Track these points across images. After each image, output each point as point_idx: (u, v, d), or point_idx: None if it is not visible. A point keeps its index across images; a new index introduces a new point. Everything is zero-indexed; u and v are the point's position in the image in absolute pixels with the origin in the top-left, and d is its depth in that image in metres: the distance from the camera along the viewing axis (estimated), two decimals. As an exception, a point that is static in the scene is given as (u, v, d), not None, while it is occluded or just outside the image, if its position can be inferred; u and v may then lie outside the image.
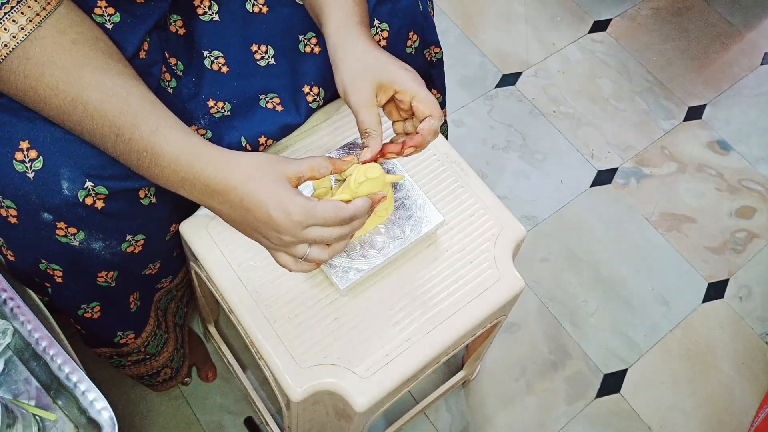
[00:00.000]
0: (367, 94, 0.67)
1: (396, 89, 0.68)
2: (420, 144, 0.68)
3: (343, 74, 0.69)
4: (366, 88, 0.67)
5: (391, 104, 0.72)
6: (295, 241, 0.63)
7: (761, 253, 1.42)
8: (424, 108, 0.68)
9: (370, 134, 0.67)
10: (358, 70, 0.68)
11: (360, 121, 0.67)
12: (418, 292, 0.77)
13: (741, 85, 1.66)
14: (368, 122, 0.67)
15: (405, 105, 0.69)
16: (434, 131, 0.68)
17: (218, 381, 1.16)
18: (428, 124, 0.68)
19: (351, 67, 0.68)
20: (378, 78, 0.68)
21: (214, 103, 0.79)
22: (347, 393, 0.72)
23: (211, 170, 0.62)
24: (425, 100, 0.68)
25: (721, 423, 1.23)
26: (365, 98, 0.67)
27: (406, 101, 0.68)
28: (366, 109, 0.67)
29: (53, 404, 0.63)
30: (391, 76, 0.68)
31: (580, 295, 1.33)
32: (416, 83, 0.68)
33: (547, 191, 1.45)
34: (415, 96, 0.68)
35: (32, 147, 0.64)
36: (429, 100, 0.68)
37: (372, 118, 0.67)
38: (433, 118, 0.68)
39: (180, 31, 0.78)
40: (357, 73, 0.68)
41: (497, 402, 1.20)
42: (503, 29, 1.68)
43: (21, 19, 0.59)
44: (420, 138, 0.68)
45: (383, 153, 0.69)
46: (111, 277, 0.76)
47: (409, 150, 0.69)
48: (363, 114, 0.67)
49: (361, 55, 0.69)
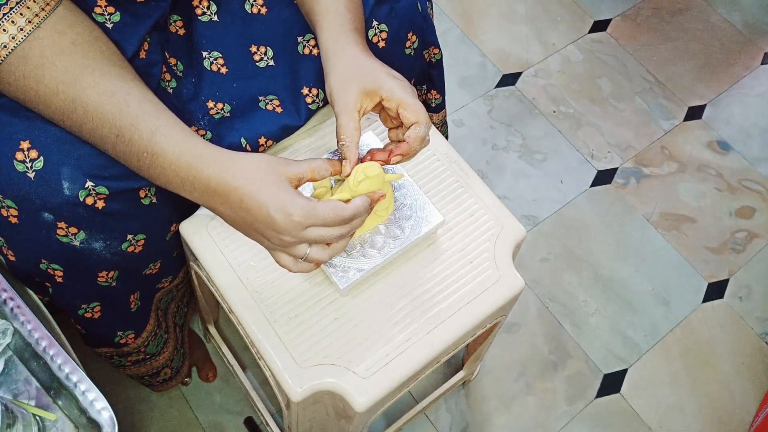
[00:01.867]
0: (350, 100, 0.67)
1: (382, 96, 0.68)
2: (407, 152, 0.68)
3: (332, 80, 0.69)
4: (350, 94, 0.67)
5: (384, 112, 0.71)
6: (295, 241, 0.63)
7: (761, 253, 1.42)
8: (410, 115, 0.67)
9: (344, 144, 0.67)
10: (346, 76, 0.68)
11: (338, 126, 0.67)
12: (418, 292, 0.77)
13: (741, 85, 1.66)
14: (346, 128, 0.66)
15: (392, 112, 0.69)
16: (421, 138, 0.68)
17: (218, 381, 1.16)
18: (414, 132, 0.67)
19: (339, 73, 0.68)
20: (364, 84, 0.67)
21: (213, 105, 0.79)
22: (347, 393, 0.72)
23: (211, 171, 0.62)
24: (411, 107, 0.67)
25: (721, 423, 1.23)
26: (348, 104, 0.67)
27: (393, 108, 0.68)
28: (346, 114, 0.67)
29: (53, 404, 0.63)
30: (378, 83, 0.68)
31: (580, 295, 1.33)
32: (403, 91, 0.68)
33: (547, 191, 1.45)
34: (401, 103, 0.67)
35: (33, 147, 0.64)
36: (415, 107, 0.67)
37: (349, 124, 0.67)
38: (419, 125, 0.67)
39: (180, 31, 0.78)
40: (344, 79, 0.68)
41: (497, 402, 1.20)
42: (503, 29, 1.68)
43: (20, 20, 0.59)
44: (406, 146, 0.68)
45: (372, 159, 0.69)
46: (111, 277, 0.76)
47: (396, 158, 0.68)
48: (342, 119, 0.67)
49: (350, 62, 0.69)
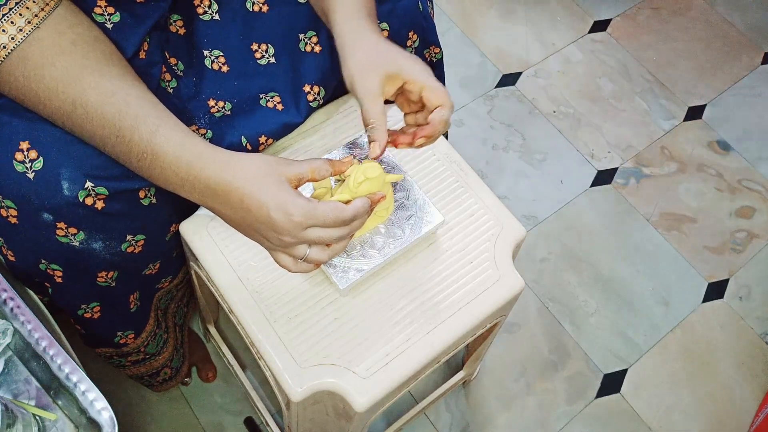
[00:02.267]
0: (373, 85, 0.66)
1: (405, 79, 0.67)
2: (431, 134, 0.67)
3: (351, 66, 0.67)
4: (373, 78, 0.66)
5: (403, 96, 0.70)
6: (295, 242, 0.63)
7: (761, 253, 1.42)
8: (435, 98, 0.67)
9: (374, 126, 0.66)
10: (366, 61, 0.67)
11: (364, 111, 0.66)
12: (418, 292, 0.77)
13: (741, 85, 1.66)
14: (372, 112, 0.66)
15: (414, 96, 0.68)
16: (445, 121, 0.67)
17: (218, 381, 1.16)
18: (439, 114, 0.67)
19: (359, 59, 0.67)
20: (385, 69, 0.66)
21: (214, 103, 0.79)
22: (347, 393, 0.72)
23: (211, 171, 0.62)
24: (435, 89, 0.66)
25: (721, 423, 1.23)
26: (371, 89, 0.66)
27: (416, 92, 0.67)
28: (371, 99, 0.66)
29: (53, 404, 0.63)
30: (400, 66, 0.67)
31: (580, 295, 1.33)
32: (425, 73, 0.67)
33: (547, 191, 1.45)
34: (424, 86, 0.67)
35: (32, 147, 0.64)
36: (439, 90, 0.67)
37: (376, 109, 0.66)
38: (443, 108, 0.67)
39: (180, 30, 0.78)
40: (364, 64, 0.67)
41: (497, 402, 1.20)
42: (503, 29, 1.67)
43: (19, 21, 0.58)
44: (431, 128, 0.67)
45: (395, 143, 0.68)
46: (111, 277, 0.76)
47: (420, 140, 0.68)
48: (367, 104, 0.66)
49: (369, 47, 0.68)
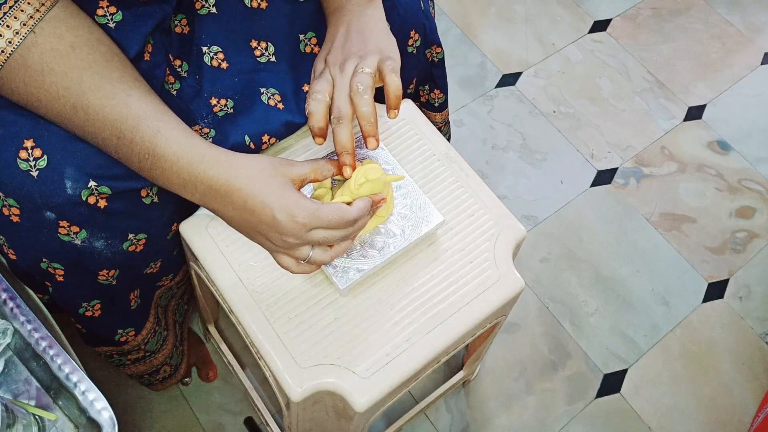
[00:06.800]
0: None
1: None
2: (395, 94, 0.69)
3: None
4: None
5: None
6: (298, 243, 0.63)
7: (761, 253, 1.42)
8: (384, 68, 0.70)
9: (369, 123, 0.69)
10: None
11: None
12: (418, 292, 0.77)
13: (741, 85, 1.66)
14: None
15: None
16: (396, 71, 0.69)
17: (218, 381, 1.16)
18: (388, 66, 0.69)
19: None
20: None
21: (216, 101, 0.78)
22: (347, 393, 0.72)
23: (214, 172, 0.62)
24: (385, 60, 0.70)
25: (721, 423, 1.23)
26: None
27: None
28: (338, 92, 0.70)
29: (53, 404, 0.63)
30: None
31: (580, 295, 1.33)
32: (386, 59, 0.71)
33: (547, 191, 1.45)
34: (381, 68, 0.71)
35: (37, 146, 0.64)
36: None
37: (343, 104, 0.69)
38: (392, 60, 0.70)
39: (185, 30, 0.78)
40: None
41: (497, 402, 1.20)
42: (503, 29, 1.67)
43: (15, 24, 0.57)
44: (391, 89, 0.69)
45: (340, 171, 0.69)
46: (112, 276, 0.76)
47: (393, 112, 0.70)
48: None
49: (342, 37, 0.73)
